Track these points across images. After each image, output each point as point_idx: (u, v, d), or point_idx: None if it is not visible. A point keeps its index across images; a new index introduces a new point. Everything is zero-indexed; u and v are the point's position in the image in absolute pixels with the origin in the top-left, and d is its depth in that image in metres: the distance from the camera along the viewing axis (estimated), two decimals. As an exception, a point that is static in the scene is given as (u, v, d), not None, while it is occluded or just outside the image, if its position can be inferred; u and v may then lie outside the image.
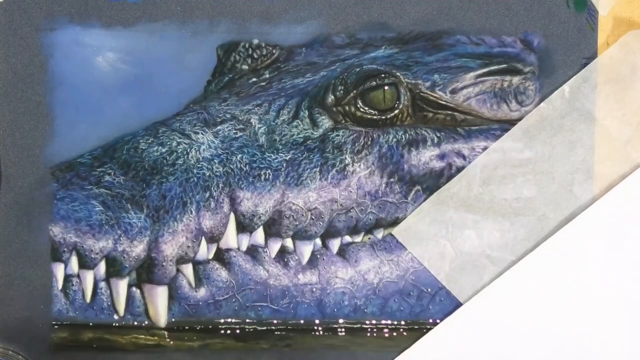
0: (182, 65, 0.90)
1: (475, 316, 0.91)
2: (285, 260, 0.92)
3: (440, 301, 0.93)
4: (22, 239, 0.90)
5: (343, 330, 0.93)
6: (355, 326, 0.93)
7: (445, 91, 0.91)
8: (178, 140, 0.89)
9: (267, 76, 0.93)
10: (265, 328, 0.92)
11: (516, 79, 0.92)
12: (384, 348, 0.93)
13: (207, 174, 0.89)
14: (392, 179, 0.91)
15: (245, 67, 0.93)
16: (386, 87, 0.90)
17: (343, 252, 0.92)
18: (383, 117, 0.91)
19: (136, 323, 0.91)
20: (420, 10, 0.90)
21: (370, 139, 0.91)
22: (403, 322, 0.93)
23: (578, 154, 0.91)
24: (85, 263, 0.88)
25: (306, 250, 0.92)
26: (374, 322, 0.93)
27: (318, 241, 0.92)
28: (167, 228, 0.88)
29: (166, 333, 0.92)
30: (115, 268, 0.88)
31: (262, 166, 0.90)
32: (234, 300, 0.91)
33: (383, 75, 0.90)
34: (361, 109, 0.91)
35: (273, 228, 0.90)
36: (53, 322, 0.91)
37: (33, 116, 0.89)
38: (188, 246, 0.88)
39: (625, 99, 0.90)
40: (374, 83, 0.90)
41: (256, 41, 0.91)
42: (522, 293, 0.90)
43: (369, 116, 0.91)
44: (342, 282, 0.92)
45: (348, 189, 0.91)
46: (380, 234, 0.93)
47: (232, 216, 0.89)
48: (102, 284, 0.90)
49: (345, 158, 0.91)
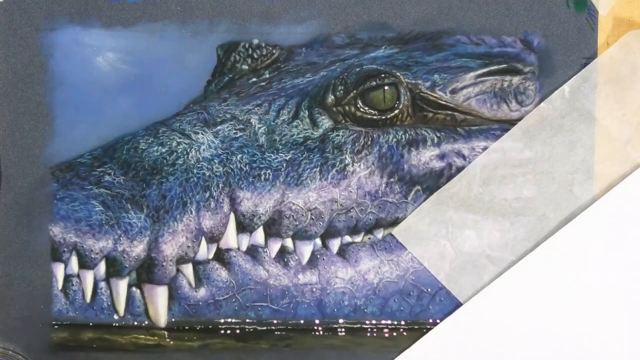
0: (182, 65, 0.90)
1: (475, 316, 0.91)
2: (285, 260, 0.92)
3: (440, 301, 0.93)
4: (22, 239, 0.90)
5: (343, 330, 0.93)
6: (355, 326, 0.93)
7: (445, 91, 0.91)
8: (178, 140, 0.89)
9: (267, 76, 0.93)
10: (265, 328, 0.92)
11: (516, 79, 0.92)
12: (384, 348, 0.93)
13: (207, 174, 0.89)
14: (392, 179, 0.91)
15: (245, 67, 0.93)
16: (386, 87, 0.90)
17: (343, 252, 0.92)
18: (383, 117, 0.91)
19: (136, 323, 0.91)
20: (420, 10, 0.90)
21: (370, 139, 0.91)
22: (403, 322, 0.93)
23: (578, 154, 0.91)
24: (85, 263, 0.88)
25: (306, 250, 0.92)
26: (374, 322, 0.93)
27: (318, 241, 0.92)
28: (167, 228, 0.88)
29: (166, 333, 0.92)
30: (115, 268, 0.88)
31: (262, 166, 0.90)
32: (234, 300, 0.91)
33: (383, 75, 0.90)
34: (361, 109, 0.91)
35: (273, 228, 0.90)
36: (53, 322, 0.91)
37: (33, 116, 0.89)
38: (188, 246, 0.88)
39: (625, 99, 0.90)
40: (374, 83, 0.90)
41: (256, 41, 0.91)
42: (522, 293, 0.90)
43: (369, 116, 0.91)
44: (342, 282, 0.92)
45: (348, 189, 0.91)
46: (380, 234, 0.93)
47: (232, 216, 0.89)
48: (102, 284, 0.90)
49: (345, 158, 0.90)
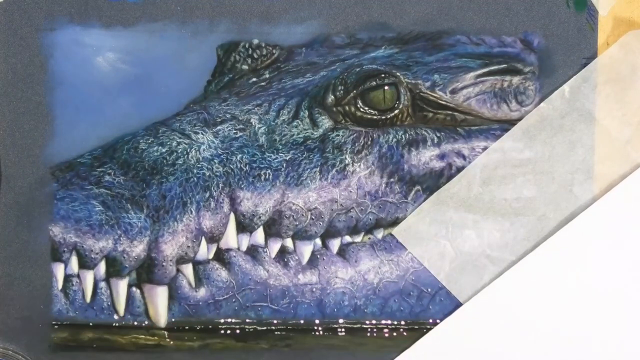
0: (182, 65, 0.90)
1: (475, 316, 0.91)
2: (285, 260, 0.92)
3: (440, 301, 0.93)
4: (22, 239, 0.90)
5: (343, 330, 0.93)
6: (355, 326, 0.93)
7: (445, 91, 0.91)
8: (178, 140, 0.89)
9: (267, 76, 0.93)
10: (265, 328, 0.92)
11: (516, 79, 0.92)
12: (384, 348, 0.93)
13: (207, 174, 0.89)
14: (392, 179, 0.91)
15: (245, 67, 0.93)
16: (386, 87, 0.90)
17: (343, 252, 0.92)
18: (383, 117, 0.91)
19: (136, 323, 0.91)
20: (420, 10, 0.90)
21: (370, 139, 0.91)
22: (403, 322, 0.93)
23: (578, 154, 0.91)
24: (85, 263, 0.88)
25: (306, 250, 0.92)
26: (374, 322, 0.93)
27: (318, 241, 0.92)
28: (167, 228, 0.87)
29: (166, 333, 0.92)
30: (115, 268, 0.88)
31: (262, 166, 0.90)
32: (234, 300, 0.91)
33: (383, 75, 0.90)
34: (361, 109, 0.91)
35: (273, 228, 0.90)
36: (53, 322, 0.91)
37: (33, 116, 0.89)
38: (188, 246, 0.88)
39: (625, 99, 0.90)
40: (374, 83, 0.90)
41: (256, 41, 0.91)
42: (522, 293, 0.90)
43: (369, 116, 0.91)
44: (342, 282, 0.92)
45: (348, 189, 0.91)
46: (380, 234, 0.93)
47: (232, 216, 0.89)
48: (102, 284, 0.89)
49: (345, 158, 0.90)
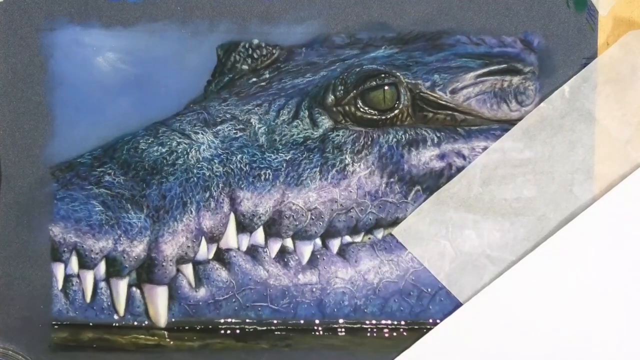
0: (182, 65, 0.90)
1: (475, 316, 0.91)
2: (285, 260, 0.92)
3: (440, 301, 0.93)
4: (22, 239, 0.90)
5: (343, 330, 0.93)
6: (355, 326, 0.93)
7: (445, 91, 0.91)
8: (178, 140, 0.89)
9: (267, 76, 0.93)
10: (265, 328, 0.92)
11: (516, 79, 0.92)
12: (384, 348, 0.93)
13: (207, 174, 0.89)
14: (392, 179, 0.91)
15: (245, 67, 0.93)
16: (386, 87, 0.90)
17: (343, 252, 0.92)
18: (383, 117, 0.91)
19: (136, 323, 0.91)
20: (420, 10, 0.90)
21: (370, 139, 0.91)
22: (403, 322, 0.93)
23: (578, 154, 0.91)
24: (85, 263, 0.88)
25: (306, 250, 0.92)
26: (374, 322, 0.93)
27: (318, 241, 0.92)
28: (167, 228, 0.87)
29: (166, 333, 0.92)
30: (115, 268, 0.88)
31: (262, 166, 0.90)
32: (234, 300, 0.91)
33: (383, 75, 0.90)
34: (361, 109, 0.91)
35: (273, 228, 0.90)
36: (53, 322, 0.91)
37: (33, 116, 0.89)
38: (188, 246, 0.88)
39: (625, 99, 0.90)
40: (374, 83, 0.90)
41: (256, 41, 0.91)
42: (522, 293, 0.90)
43: (369, 116, 0.91)
44: (342, 282, 0.92)
45: (348, 189, 0.91)
46: (380, 234, 0.93)
47: (232, 216, 0.89)
48: (102, 284, 0.89)
49: (345, 158, 0.90)
